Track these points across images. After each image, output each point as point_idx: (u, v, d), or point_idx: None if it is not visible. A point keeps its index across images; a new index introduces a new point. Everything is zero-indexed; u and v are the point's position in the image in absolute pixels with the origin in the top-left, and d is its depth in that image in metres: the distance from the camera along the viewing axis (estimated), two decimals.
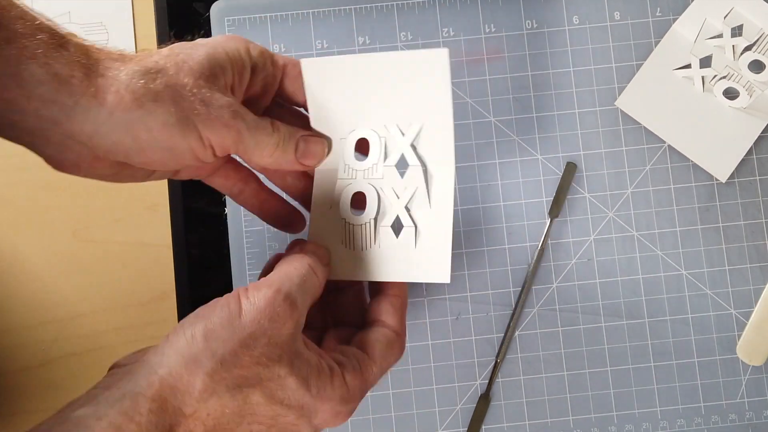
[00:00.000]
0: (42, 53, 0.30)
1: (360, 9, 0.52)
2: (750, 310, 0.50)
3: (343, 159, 0.39)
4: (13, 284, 0.51)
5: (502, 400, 0.50)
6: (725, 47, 0.50)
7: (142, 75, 0.32)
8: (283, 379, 0.31)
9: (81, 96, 0.31)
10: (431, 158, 0.38)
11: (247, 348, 0.31)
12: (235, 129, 0.34)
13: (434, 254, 0.37)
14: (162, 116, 0.32)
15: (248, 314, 0.31)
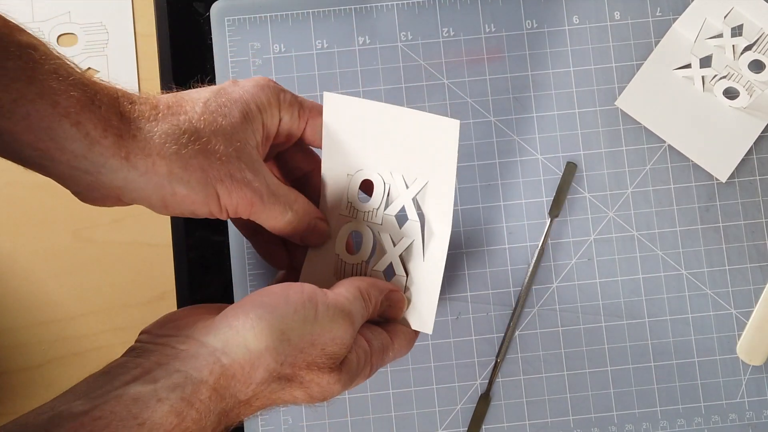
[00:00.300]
0: (74, 112, 0.31)
1: (360, 9, 0.52)
2: (750, 309, 0.50)
3: (347, 195, 0.40)
4: (13, 284, 0.51)
5: (502, 399, 0.50)
6: (725, 47, 0.50)
7: (175, 140, 0.33)
8: (331, 384, 0.34)
9: (111, 157, 0.32)
10: (430, 215, 0.40)
11: (308, 354, 0.33)
12: (252, 203, 0.36)
13: (421, 305, 0.39)
14: (189, 184, 0.34)
15: (321, 326, 0.33)
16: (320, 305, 0.34)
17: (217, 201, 0.35)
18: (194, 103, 0.35)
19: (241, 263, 0.50)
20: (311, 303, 0.34)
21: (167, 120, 0.34)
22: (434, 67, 0.52)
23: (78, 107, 0.31)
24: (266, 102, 0.37)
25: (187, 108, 0.35)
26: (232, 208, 0.36)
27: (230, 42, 0.51)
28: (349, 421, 0.49)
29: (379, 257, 0.40)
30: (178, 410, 0.29)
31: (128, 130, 0.33)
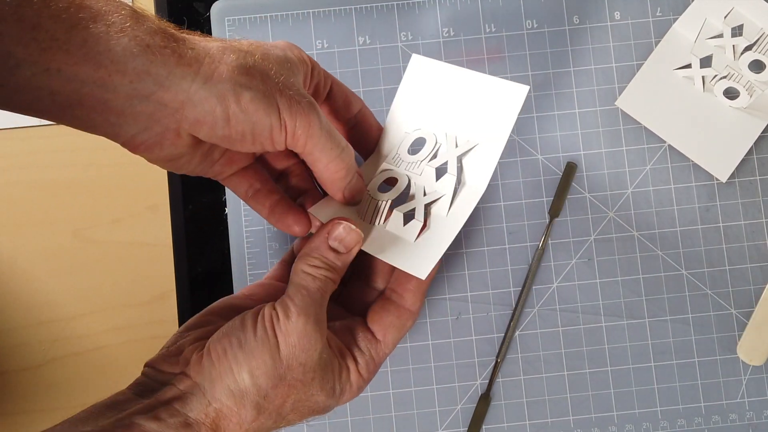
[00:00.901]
0: (130, 27, 0.31)
1: (360, 9, 0.52)
2: (750, 310, 0.50)
3: (397, 148, 0.42)
4: (13, 284, 0.51)
5: (503, 399, 0.50)
6: (725, 47, 0.50)
7: (233, 51, 0.34)
8: (315, 396, 0.36)
9: (175, 66, 0.32)
10: (469, 175, 0.41)
11: (285, 380, 0.35)
12: (310, 124, 0.35)
13: (425, 253, 0.39)
14: (252, 90, 0.33)
15: (285, 348, 0.35)
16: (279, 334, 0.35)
17: (278, 115, 0.34)
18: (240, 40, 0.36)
19: (241, 263, 0.50)
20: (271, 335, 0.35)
21: (220, 41, 0.34)
22: None
23: (132, 21, 0.31)
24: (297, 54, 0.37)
25: (234, 40, 0.35)
26: (292, 127, 0.35)
27: None
28: (349, 421, 0.49)
29: (406, 200, 0.41)
30: None
31: (184, 43, 0.33)
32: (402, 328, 0.40)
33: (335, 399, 0.37)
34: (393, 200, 0.40)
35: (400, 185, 0.41)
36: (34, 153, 0.52)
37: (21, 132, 0.52)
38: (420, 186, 0.41)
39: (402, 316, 0.40)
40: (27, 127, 0.52)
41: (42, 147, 0.52)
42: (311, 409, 0.37)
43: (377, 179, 0.41)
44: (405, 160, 0.42)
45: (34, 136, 0.52)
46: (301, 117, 0.35)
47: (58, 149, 0.52)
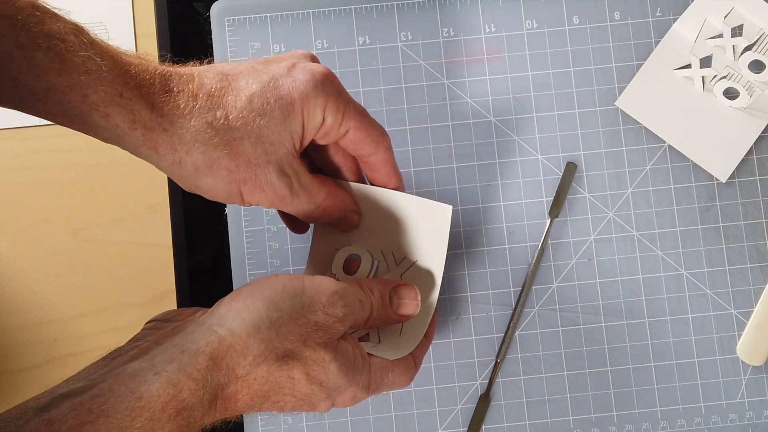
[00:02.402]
0: (103, 106, 0.32)
1: (360, 9, 0.52)
2: (750, 310, 0.50)
3: (331, 268, 0.41)
4: (13, 284, 0.51)
5: (503, 400, 0.50)
6: (725, 47, 0.50)
7: (207, 139, 0.34)
8: (327, 363, 0.34)
9: (140, 146, 0.33)
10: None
11: (301, 326, 0.33)
12: (272, 203, 0.36)
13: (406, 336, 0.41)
14: (213, 182, 0.35)
15: (310, 299, 0.34)
16: (306, 281, 0.35)
17: (240, 198, 0.36)
18: (237, 96, 0.35)
19: (241, 263, 0.50)
20: (298, 279, 0.34)
21: (202, 116, 0.34)
22: (434, 67, 0.52)
23: (107, 102, 0.32)
24: (312, 105, 0.36)
25: (229, 101, 0.34)
26: (255, 203, 0.36)
27: (230, 42, 0.51)
28: (349, 421, 0.49)
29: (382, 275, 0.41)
30: (174, 381, 0.29)
31: (159, 123, 0.33)
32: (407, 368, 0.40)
33: (346, 380, 0.35)
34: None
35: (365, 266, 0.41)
36: (34, 153, 0.52)
37: (21, 132, 0.52)
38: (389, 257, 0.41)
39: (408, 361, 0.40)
40: (27, 127, 0.52)
41: (42, 147, 0.52)
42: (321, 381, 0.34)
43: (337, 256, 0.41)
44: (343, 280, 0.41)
45: (34, 136, 0.52)
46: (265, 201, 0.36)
47: (58, 149, 0.52)
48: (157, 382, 0.29)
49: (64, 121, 0.32)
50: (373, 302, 0.38)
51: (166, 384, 0.29)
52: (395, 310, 0.39)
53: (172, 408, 0.29)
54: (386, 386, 0.38)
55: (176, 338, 0.31)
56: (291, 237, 0.51)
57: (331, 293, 0.35)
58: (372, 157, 0.39)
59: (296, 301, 0.33)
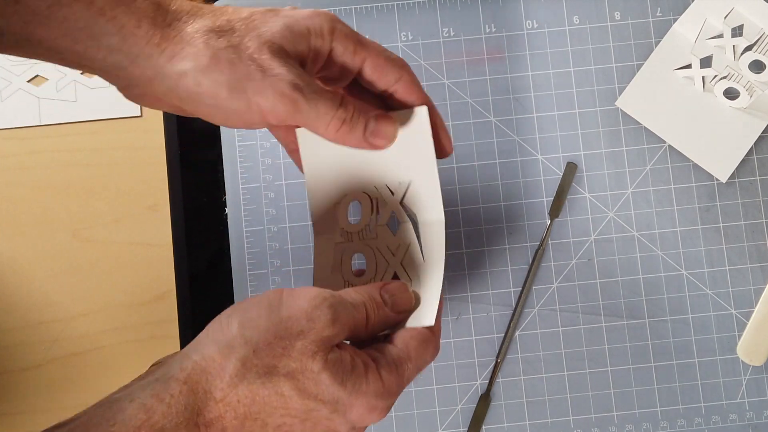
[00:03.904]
0: (109, 8, 0.32)
1: (360, 9, 0.52)
2: (750, 310, 0.50)
3: (338, 223, 0.40)
4: (13, 284, 0.51)
5: (503, 400, 0.50)
6: (725, 47, 0.50)
7: (207, 31, 0.33)
8: (317, 374, 0.31)
9: (144, 45, 0.32)
10: (421, 213, 0.39)
11: (281, 339, 0.31)
12: (291, 99, 0.34)
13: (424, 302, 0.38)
14: (213, 74, 0.33)
15: (287, 310, 0.32)
16: (285, 293, 0.33)
17: (247, 101, 0.33)
18: (241, 11, 0.35)
19: (241, 263, 0.50)
20: (276, 293, 0.33)
21: (207, 17, 0.34)
22: (434, 67, 0.52)
23: (112, 3, 0.32)
24: (317, 25, 0.35)
25: (231, 12, 0.35)
26: (269, 108, 0.34)
27: None
28: None
29: (382, 271, 0.40)
30: (147, 406, 0.29)
31: (164, 19, 0.33)
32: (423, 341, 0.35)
33: (345, 391, 0.32)
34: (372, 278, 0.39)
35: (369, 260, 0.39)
36: (34, 153, 0.52)
37: (21, 132, 0.52)
38: (384, 248, 0.40)
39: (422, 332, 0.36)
40: (27, 127, 0.52)
41: (42, 147, 0.52)
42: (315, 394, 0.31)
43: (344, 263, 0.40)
44: (353, 231, 0.40)
45: (34, 136, 0.52)
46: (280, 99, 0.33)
47: (58, 149, 0.52)
48: (130, 408, 0.29)
49: (67, 43, 0.32)
50: (366, 303, 0.35)
51: (139, 409, 0.29)
52: (391, 309, 0.36)
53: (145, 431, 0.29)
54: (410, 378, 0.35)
55: (158, 371, 0.31)
56: (291, 237, 0.51)
57: (312, 298, 0.32)
58: (398, 83, 0.37)
59: (273, 314, 0.31)
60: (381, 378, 0.33)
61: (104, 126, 0.52)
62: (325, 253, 0.40)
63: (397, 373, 0.34)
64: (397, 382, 0.34)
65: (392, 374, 0.33)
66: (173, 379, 0.30)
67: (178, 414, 0.29)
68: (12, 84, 0.52)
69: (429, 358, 0.36)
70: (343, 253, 0.40)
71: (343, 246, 0.40)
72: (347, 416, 0.32)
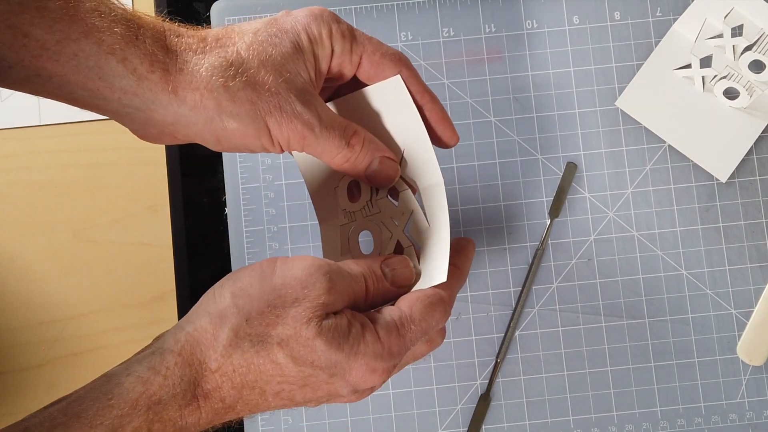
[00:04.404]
0: (120, 48, 0.31)
1: (360, 9, 0.52)
2: (750, 310, 0.50)
3: (339, 206, 0.40)
4: (13, 284, 0.51)
5: (503, 399, 0.50)
6: (725, 47, 0.50)
7: (223, 71, 0.33)
8: (311, 340, 0.31)
9: (160, 92, 0.32)
10: (419, 179, 0.39)
11: (275, 308, 0.31)
12: (302, 136, 0.34)
13: (433, 261, 0.38)
14: (239, 118, 0.33)
15: (281, 278, 0.32)
16: (279, 261, 0.33)
17: (268, 134, 0.34)
18: (243, 34, 0.35)
19: (241, 263, 0.50)
20: (270, 262, 0.33)
21: (214, 52, 0.34)
22: (434, 67, 0.52)
23: (123, 43, 0.31)
24: (317, 33, 0.35)
25: (236, 39, 0.34)
26: (284, 141, 0.35)
27: None
28: (349, 421, 0.50)
29: (387, 242, 0.40)
30: (144, 379, 0.30)
31: (174, 63, 0.32)
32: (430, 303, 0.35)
33: (343, 354, 0.31)
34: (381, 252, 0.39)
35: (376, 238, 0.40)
36: (34, 153, 0.52)
37: (21, 132, 0.52)
38: (388, 221, 0.40)
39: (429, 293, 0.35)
40: (27, 127, 0.52)
41: (42, 147, 0.52)
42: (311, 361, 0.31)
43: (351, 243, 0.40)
44: (355, 210, 0.40)
45: (34, 136, 0.52)
46: (294, 134, 0.34)
47: (58, 149, 0.52)
48: (127, 382, 0.30)
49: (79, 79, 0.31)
50: (365, 274, 0.35)
51: (135, 382, 0.30)
52: (391, 283, 0.36)
53: (143, 404, 0.29)
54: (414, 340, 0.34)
55: (154, 344, 0.32)
56: (291, 237, 0.51)
57: (308, 266, 0.32)
58: None
59: (266, 283, 0.32)
60: (380, 339, 0.33)
61: (104, 126, 0.52)
62: (331, 238, 0.40)
63: (398, 334, 0.33)
64: (399, 343, 0.33)
65: (392, 335, 0.33)
66: (168, 351, 0.30)
67: (174, 385, 0.30)
68: None
69: (435, 322, 0.35)
70: (349, 234, 0.40)
71: (347, 226, 0.40)
72: (347, 379, 0.33)
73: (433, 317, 0.35)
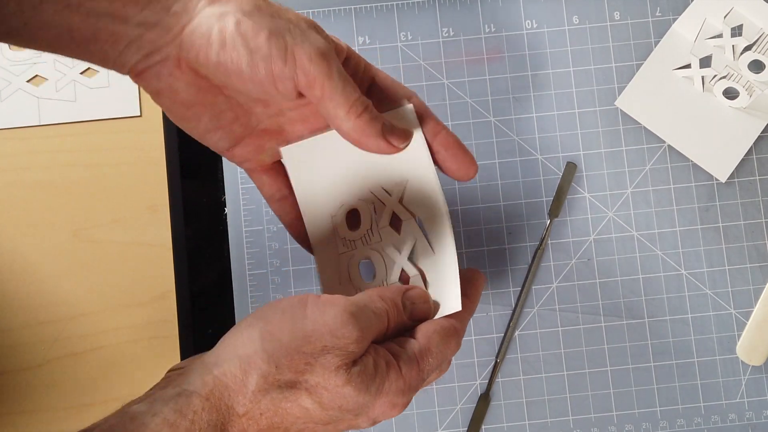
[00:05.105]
0: None
1: (360, 9, 0.52)
2: (750, 309, 0.50)
3: (338, 234, 0.39)
4: (13, 284, 0.51)
5: (502, 399, 0.50)
6: (725, 47, 0.50)
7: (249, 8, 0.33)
8: (340, 388, 0.31)
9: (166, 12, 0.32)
10: (422, 209, 0.39)
11: (304, 355, 0.31)
12: (326, 60, 0.33)
13: (444, 290, 0.38)
14: (255, 18, 0.33)
15: (312, 323, 0.31)
16: (310, 302, 0.32)
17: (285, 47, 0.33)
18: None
19: (241, 263, 0.50)
20: (300, 303, 0.32)
21: None
22: (434, 67, 0.52)
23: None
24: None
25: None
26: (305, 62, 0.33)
27: None
28: None
29: (390, 271, 0.39)
30: (170, 421, 0.29)
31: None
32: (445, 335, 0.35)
33: (370, 396, 0.32)
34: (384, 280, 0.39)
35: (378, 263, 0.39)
36: (34, 153, 0.52)
37: (21, 132, 0.52)
38: (390, 249, 0.39)
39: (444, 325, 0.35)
40: (27, 127, 0.52)
41: (42, 147, 0.52)
42: (339, 406, 0.31)
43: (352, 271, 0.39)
44: (355, 239, 0.39)
45: (34, 136, 0.52)
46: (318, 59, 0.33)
47: (58, 149, 0.52)
48: (152, 423, 0.29)
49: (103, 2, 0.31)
50: (389, 311, 0.34)
51: (162, 424, 0.29)
52: (409, 317, 0.36)
53: None
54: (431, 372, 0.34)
55: (178, 380, 0.31)
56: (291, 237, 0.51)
57: (339, 313, 0.31)
58: None
59: (297, 328, 0.31)
60: (402, 375, 0.33)
61: (104, 126, 0.52)
62: (328, 266, 0.39)
63: (418, 368, 0.33)
64: (418, 377, 0.34)
65: (413, 370, 0.33)
66: (195, 394, 0.30)
67: (201, 430, 0.29)
68: (11, 84, 0.52)
69: (450, 352, 0.35)
70: (349, 262, 0.39)
71: (347, 255, 0.39)
72: (369, 415, 0.33)
73: (449, 348, 0.35)
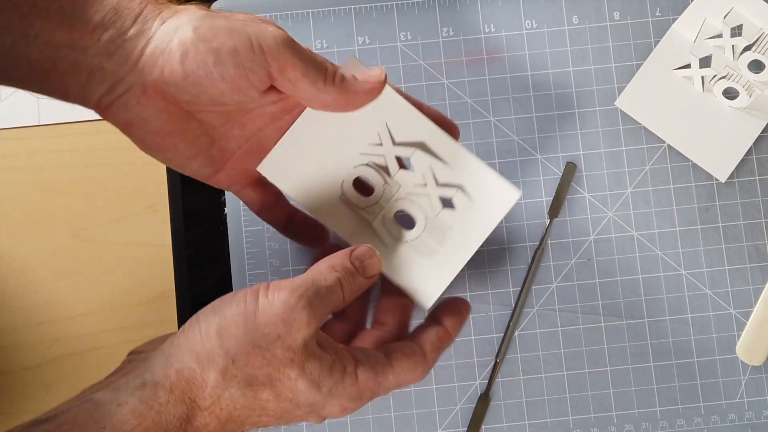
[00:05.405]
0: None
1: (360, 9, 0.52)
2: (750, 309, 0.50)
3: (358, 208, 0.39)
4: (13, 284, 0.51)
5: (502, 399, 0.50)
6: (725, 47, 0.50)
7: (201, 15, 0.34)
8: (293, 381, 0.32)
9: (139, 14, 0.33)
10: (415, 135, 0.38)
11: (259, 348, 0.32)
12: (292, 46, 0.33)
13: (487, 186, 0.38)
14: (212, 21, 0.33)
15: (264, 315, 0.32)
16: (261, 292, 0.32)
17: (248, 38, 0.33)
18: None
19: (241, 263, 0.50)
20: (252, 294, 0.32)
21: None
22: (434, 67, 0.52)
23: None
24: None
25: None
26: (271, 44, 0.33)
27: None
28: (349, 421, 0.50)
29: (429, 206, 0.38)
30: (138, 412, 0.30)
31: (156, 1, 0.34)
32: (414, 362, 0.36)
33: (321, 395, 0.32)
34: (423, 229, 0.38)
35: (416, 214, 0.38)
36: (34, 153, 0.52)
37: (21, 132, 0.52)
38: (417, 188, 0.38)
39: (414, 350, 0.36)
40: (27, 127, 0.52)
41: (42, 147, 0.52)
42: (291, 399, 0.32)
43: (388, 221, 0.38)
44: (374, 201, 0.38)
45: (34, 136, 0.52)
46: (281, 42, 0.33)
47: (58, 149, 0.52)
48: (119, 413, 0.30)
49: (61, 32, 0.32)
50: (341, 278, 0.34)
51: (130, 414, 0.30)
52: (362, 275, 0.36)
53: None
54: (387, 389, 0.35)
55: (140, 369, 0.32)
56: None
57: (287, 300, 0.32)
58: None
59: (249, 321, 0.32)
60: (357, 383, 0.33)
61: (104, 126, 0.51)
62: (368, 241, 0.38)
63: (375, 381, 0.34)
64: (373, 390, 0.34)
65: (369, 380, 0.34)
66: (159, 386, 0.31)
67: (167, 422, 0.31)
68: None
69: (412, 377, 0.36)
70: (384, 225, 0.39)
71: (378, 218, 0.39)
72: (320, 413, 0.34)
73: (413, 374, 0.36)
